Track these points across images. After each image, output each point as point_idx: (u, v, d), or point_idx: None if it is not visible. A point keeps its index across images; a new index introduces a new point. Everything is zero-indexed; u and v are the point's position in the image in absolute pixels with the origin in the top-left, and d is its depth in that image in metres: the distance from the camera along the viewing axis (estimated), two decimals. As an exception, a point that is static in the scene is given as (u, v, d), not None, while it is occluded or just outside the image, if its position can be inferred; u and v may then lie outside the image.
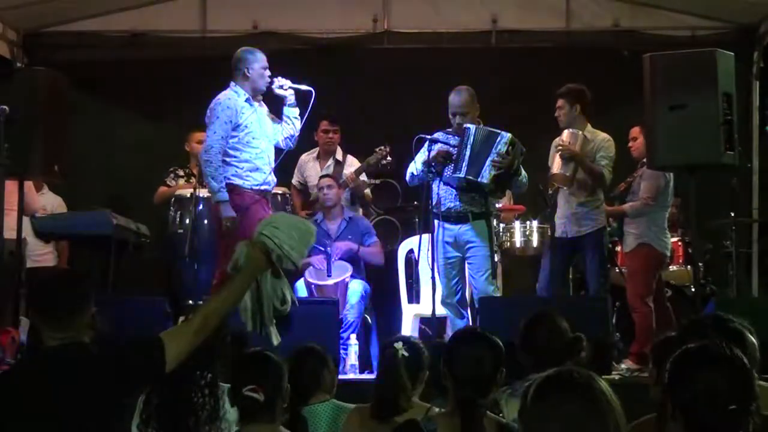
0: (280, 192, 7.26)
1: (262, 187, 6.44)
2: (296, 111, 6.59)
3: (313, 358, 4.18)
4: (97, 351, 3.06)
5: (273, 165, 6.55)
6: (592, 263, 6.81)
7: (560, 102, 6.80)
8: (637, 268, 6.86)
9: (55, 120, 6.16)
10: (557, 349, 3.85)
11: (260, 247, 3.17)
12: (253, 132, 6.41)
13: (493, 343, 3.37)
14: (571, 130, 6.67)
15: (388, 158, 7.63)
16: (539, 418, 2.07)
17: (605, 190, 6.90)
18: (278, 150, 6.69)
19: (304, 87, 6.53)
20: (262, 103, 6.58)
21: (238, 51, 6.55)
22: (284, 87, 6.55)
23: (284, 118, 6.62)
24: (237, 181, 6.37)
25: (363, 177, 7.87)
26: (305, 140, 7.22)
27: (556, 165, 6.66)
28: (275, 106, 6.66)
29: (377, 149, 7.68)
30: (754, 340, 3.13)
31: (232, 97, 6.40)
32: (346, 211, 7.62)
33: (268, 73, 6.48)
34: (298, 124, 6.62)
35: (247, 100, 6.41)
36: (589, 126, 6.81)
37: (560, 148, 6.63)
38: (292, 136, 6.65)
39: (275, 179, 6.62)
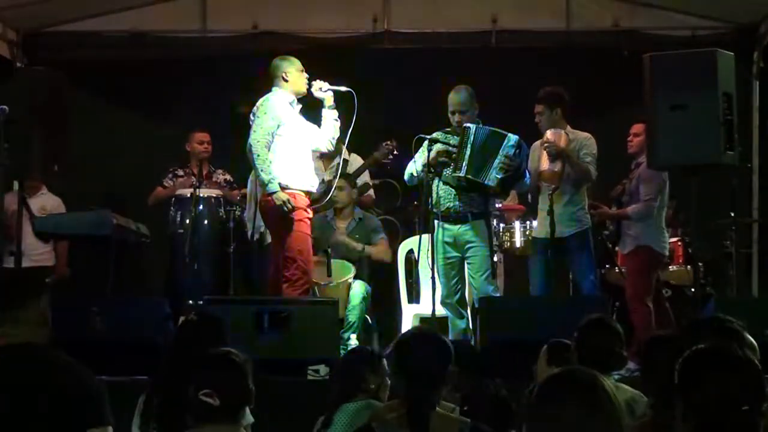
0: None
1: (308, 188, 6.52)
2: (335, 113, 6.60)
3: (358, 359, 4.19)
4: (53, 369, 2.97)
5: (313, 167, 6.64)
6: (580, 264, 6.79)
7: (539, 107, 6.80)
8: (636, 269, 6.86)
9: (55, 120, 6.15)
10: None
11: None
12: (297, 135, 6.49)
13: (440, 340, 3.39)
14: (553, 129, 6.69)
15: (395, 153, 7.63)
16: (542, 418, 2.07)
17: (590, 189, 6.89)
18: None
19: (343, 88, 6.54)
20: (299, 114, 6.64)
21: (274, 60, 6.62)
22: (323, 89, 6.55)
23: (323, 120, 6.62)
24: (287, 182, 6.43)
25: (366, 176, 7.89)
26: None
27: (543, 162, 6.67)
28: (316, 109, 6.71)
29: (384, 144, 7.69)
30: (752, 340, 3.13)
31: (278, 97, 6.48)
32: (356, 211, 7.63)
33: (305, 75, 6.53)
34: (338, 126, 6.61)
35: (291, 103, 6.50)
36: (568, 127, 6.81)
37: (547, 145, 6.64)
38: (333, 138, 6.65)
39: (317, 180, 6.69)
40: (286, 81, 6.49)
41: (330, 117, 6.60)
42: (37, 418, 2.86)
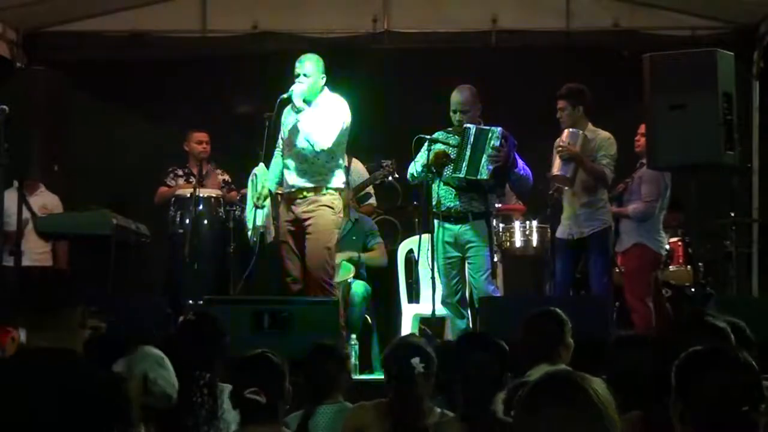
0: (280, 192, 7.22)
1: (280, 190, 6.48)
2: (300, 114, 6.40)
3: (332, 358, 4.17)
4: (85, 371, 2.97)
5: (303, 164, 6.38)
6: (595, 265, 6.76)
7: (562, 103, 6.72)
8: (634, 268, 6.86)
9: (55, 120, 6.16)
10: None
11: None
12: (283, 134, 6.46)
13: (499, 347, 3.38)
14: (571, 129, 6.62)
15: (396, 175, 7.63)
16: (527, 421, 2.06)
17: (608, 190, 6.87)
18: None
19: (285, 95, 6.35)
20: (317, 109, 6.38)
21: None
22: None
23: None
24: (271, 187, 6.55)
25: (370, 189, 7.89)
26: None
27: (555, 166, 6.63)
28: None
29: (384, 164, 7.69)
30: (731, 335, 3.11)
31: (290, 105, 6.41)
32: (351, 213, 7.62)
33: (296, 81, 6.35)
34: (301, 126, 6.34)
35: (291, 107, 6.40)
36: (590, 125, 6.77)
37: (560, 149, 6.61)
38: (308, 137, 6.34)
39: (296, 180, 6.39)
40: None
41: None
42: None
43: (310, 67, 6.42)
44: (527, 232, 7.55)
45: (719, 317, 3.21)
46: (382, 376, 3.90)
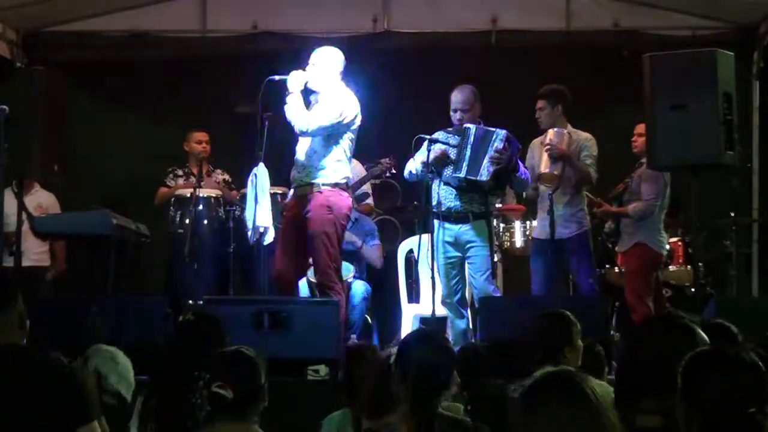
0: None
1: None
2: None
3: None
4: (35, 362, 2.97)
5: (302, 159, 6.33)
6: (579, 265, 6.80)
7: (541, 103, 6.80)
8: (634, 268, 6.87)
9: (54, 120, 6.15)
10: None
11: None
12: None
13: (446, 348, 3.36)
14: (556, 129, 6.68)
15: (393, 171, 7.62)
16: (527, 419, 2.06)
17: (591, 190, 6.90)
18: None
19: (276, 77, 6.35)
20: (319, 98, 6.39)
21: None
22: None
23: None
24: None
25: (365, 186, 7.88)
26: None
27: (543, 164, 6.65)
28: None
29: (382, 161, 7.68)
30: (704, 337, 3.09)
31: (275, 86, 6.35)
32: (352, 212, 7.61)
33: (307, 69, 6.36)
34: (287, 109, 6.30)
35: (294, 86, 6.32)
36: (569, 126, 6.81)
37: (549, 147, 6.63)
38: (293, 121, 6.30)
39: (297, 174, 6.37)
40: None
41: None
42: (21, 420, 2.85)
43: (318, 57, 6.41)
44: (527, 232, 7.56)
45: (695, 318, 3.19)
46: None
